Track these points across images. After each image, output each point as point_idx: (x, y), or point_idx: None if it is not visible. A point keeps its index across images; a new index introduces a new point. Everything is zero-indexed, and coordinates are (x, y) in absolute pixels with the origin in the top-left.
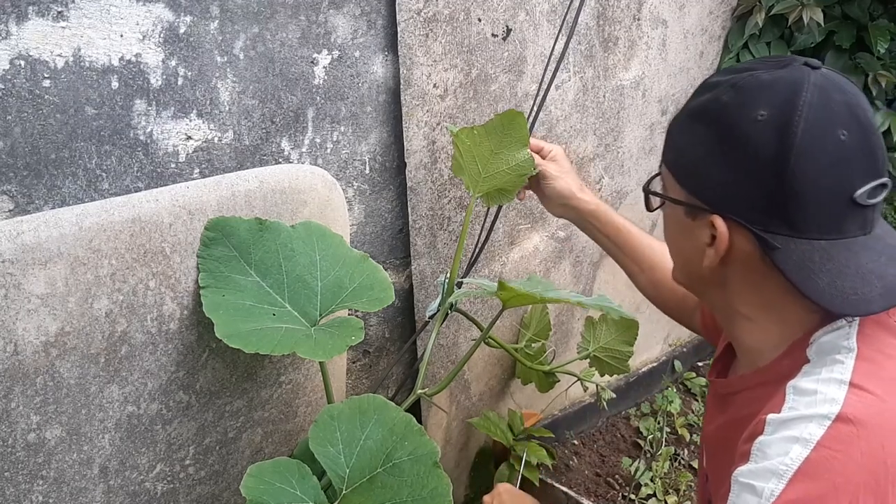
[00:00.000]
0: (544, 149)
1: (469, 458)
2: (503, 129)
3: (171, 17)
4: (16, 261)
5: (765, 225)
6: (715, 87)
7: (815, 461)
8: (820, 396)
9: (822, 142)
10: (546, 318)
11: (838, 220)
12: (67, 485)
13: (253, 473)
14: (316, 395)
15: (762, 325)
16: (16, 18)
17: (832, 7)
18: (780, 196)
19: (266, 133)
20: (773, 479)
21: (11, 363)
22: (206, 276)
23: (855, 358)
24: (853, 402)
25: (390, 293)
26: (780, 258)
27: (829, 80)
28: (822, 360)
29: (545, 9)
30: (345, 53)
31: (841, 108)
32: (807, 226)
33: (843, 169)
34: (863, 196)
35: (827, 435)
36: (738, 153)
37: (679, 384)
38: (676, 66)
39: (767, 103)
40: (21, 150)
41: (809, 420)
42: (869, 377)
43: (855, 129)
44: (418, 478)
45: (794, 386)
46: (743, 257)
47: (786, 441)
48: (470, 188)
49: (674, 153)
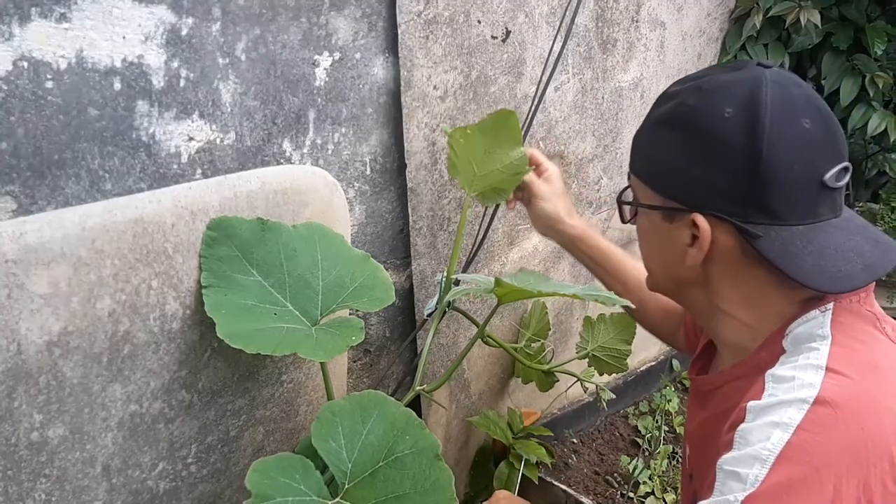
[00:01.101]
0: (542, 165)
1: (469, 457)
2: (496, 128)
3: (174, 19)
4: (19, 261)
5: (745, 216)
6: (676, 96)
7: (795, 444)
8: (798, 382)
9: (789, 130)
10: (545, 317)
11: (812, 204)
12: (70, 483)
13: (257, 469)
14: (317, 393)
15: (742, 320)
16: (19, 20)
17: (829, 9)
18: (757, 185)
19: (268, 134)
20: (756, 464)
21: (15, 362)
22: (209, 276)
23: (830, 344)
24: (830, 385)
25: (391, 293)
26: (763, 246)
27: (784, 77)
28: (798, 348)
29: (544, 11)
30: (346, 55)
31: (801, 100)
32: (784, 212)
33: (810, 154)
34: (831, 179)
35: (806, 418)
36: (711, 150)
37: (677, 383)
38: (675, 67)
39: (732, 101)
40: (24, 150)
41: (789, 405)
42: (844, 362)
43: (816, 117)
44: (420, 470)
45: (772, 374)
46: (724, 252)
47: (767, 427)
48: (465, 188)
49: (644, 161)
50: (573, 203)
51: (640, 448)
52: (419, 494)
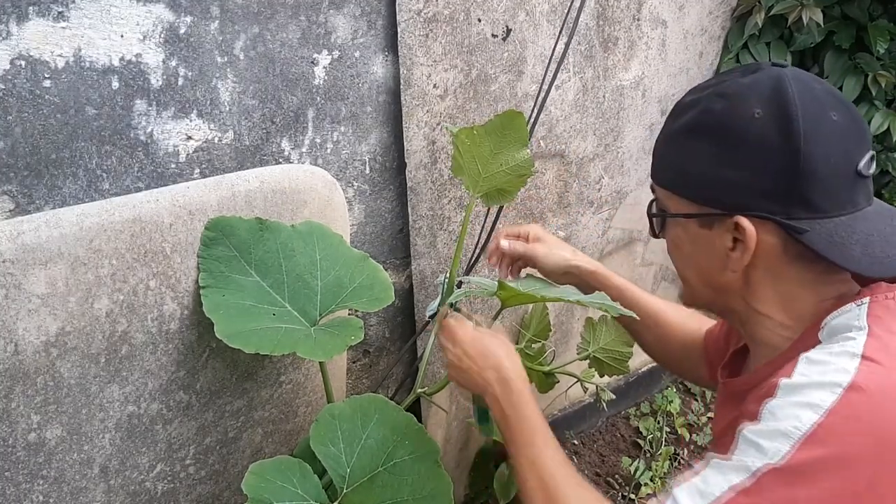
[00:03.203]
0: (521, 233)
1: (469, 458)
2: (503, 129)
3: (172, 18)
4: (16, 261)
5: (787, 213)
6: (697, 104)
7: (826, 427)
8: (832, 366)
9: (821, 124)
10: (546, 318)
11: (850, 193)
12: (68, 484)
13: (255, 471)
14: (316, 395)
15: (779, 320)
16: (16, 19)
17: (832, 7)
18: (797, 180)
19: (266, 133)
20: (781, 439)
21: (12, 363)
22: (207, 277)
23: (867, 335)
24: (865, 372)
25: (390, 293)
26: (810, 239)
27: (802, 74)
28: (834, 338)
29: (545, 9)
30: (345, 54)
31: (824, 94)
32: (826, 205)
33: (844, 145)
34: (865, 167)
35: (839, 403)
36: (746, 152)
37: (678, 384)
38: (676, 66)
39: (759, 101)
40: (22, 150)
41: (822, 387)
42: (880, 351)
43: (842, 109)
44: (419, 477)
45: (806, 357)
46: (766, 252)
47: (797, 406)
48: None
49: (672, 172)
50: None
51: (642, 449)
52: (417, 501)
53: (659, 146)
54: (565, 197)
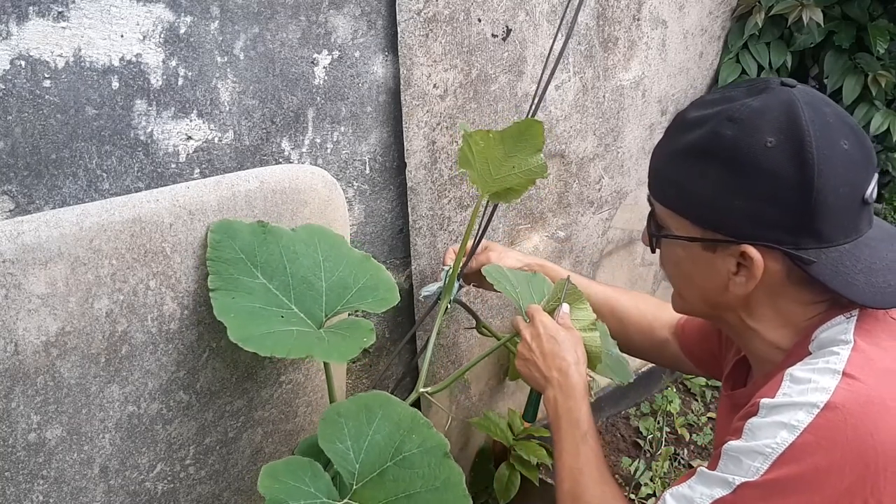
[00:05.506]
0: (479, 255)
1: (469, 458)
2: (520, 135)
3: (172, 18)
4: (16, 261)
5: (796, 244)
6: (703, 123)
7: (799, 447)
8: (812, 385)
9: (833, 155)
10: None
11: (855, 220)
12: (68, 484)
13: (268, 473)
14: (316, 395)
15: (773, 338)
16: (16, 19)
17: (832, 7)
18: (808, 213)
19: (266, 133)
20: (758, 458)
21: (12, 363)
22: (216, 279)
23: (851, 349)
24: (843, 391)
25: (395, 293)
26: (817, 271)
27: (812, 96)
28: (821, 352)
29: (545, 9)
30: (345, 54)
31: (835, 121)
32: (832, 234)
33: (853, 176)
34: (870, 195)
35: (814, 423)
36: (758, 182)
37: (678, 384)
38: (676, 66)
39: (771, 129)
40: (22, 150)
41: (799, 408)
42: (862, 368)
43: (851, 136)
44: (430, 469)
45: (790, 373)
46: (769, 278)
47: (775, 426)
48: (478, 187)
49: (675, 191)
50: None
51: (642, 449)
52: (430, 493)
53: (660, 161)
54: (565, 197)
